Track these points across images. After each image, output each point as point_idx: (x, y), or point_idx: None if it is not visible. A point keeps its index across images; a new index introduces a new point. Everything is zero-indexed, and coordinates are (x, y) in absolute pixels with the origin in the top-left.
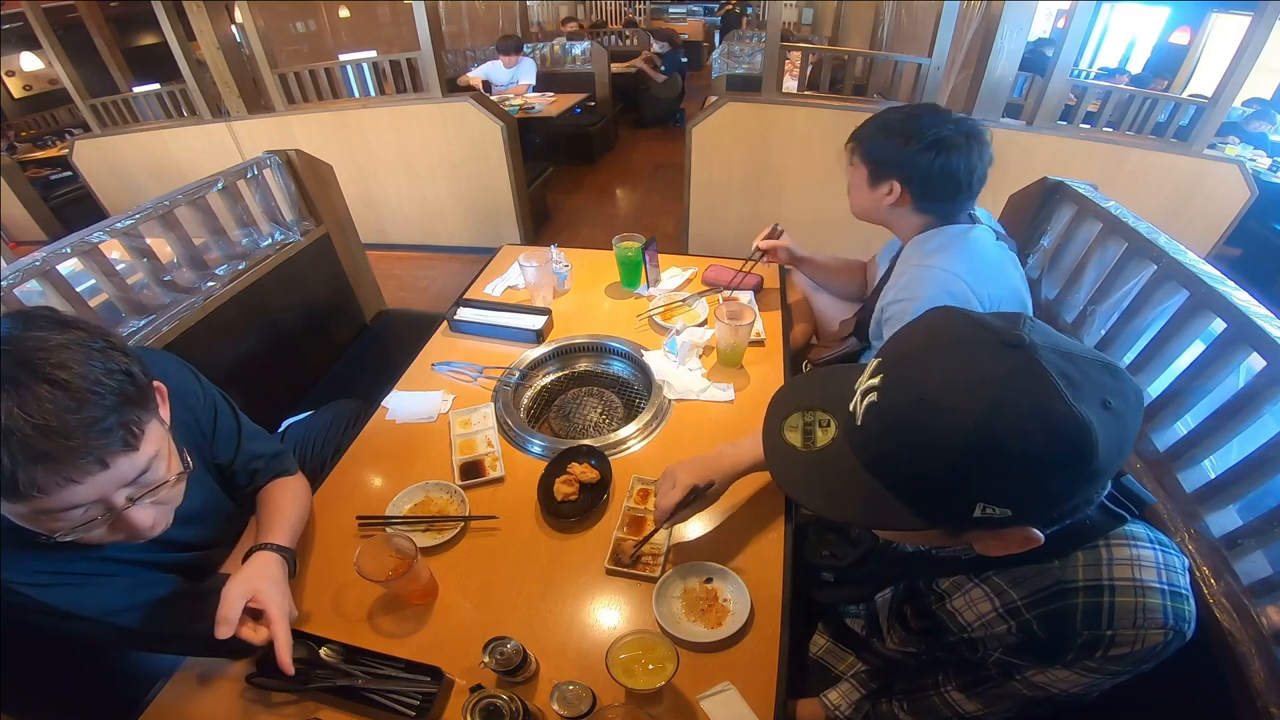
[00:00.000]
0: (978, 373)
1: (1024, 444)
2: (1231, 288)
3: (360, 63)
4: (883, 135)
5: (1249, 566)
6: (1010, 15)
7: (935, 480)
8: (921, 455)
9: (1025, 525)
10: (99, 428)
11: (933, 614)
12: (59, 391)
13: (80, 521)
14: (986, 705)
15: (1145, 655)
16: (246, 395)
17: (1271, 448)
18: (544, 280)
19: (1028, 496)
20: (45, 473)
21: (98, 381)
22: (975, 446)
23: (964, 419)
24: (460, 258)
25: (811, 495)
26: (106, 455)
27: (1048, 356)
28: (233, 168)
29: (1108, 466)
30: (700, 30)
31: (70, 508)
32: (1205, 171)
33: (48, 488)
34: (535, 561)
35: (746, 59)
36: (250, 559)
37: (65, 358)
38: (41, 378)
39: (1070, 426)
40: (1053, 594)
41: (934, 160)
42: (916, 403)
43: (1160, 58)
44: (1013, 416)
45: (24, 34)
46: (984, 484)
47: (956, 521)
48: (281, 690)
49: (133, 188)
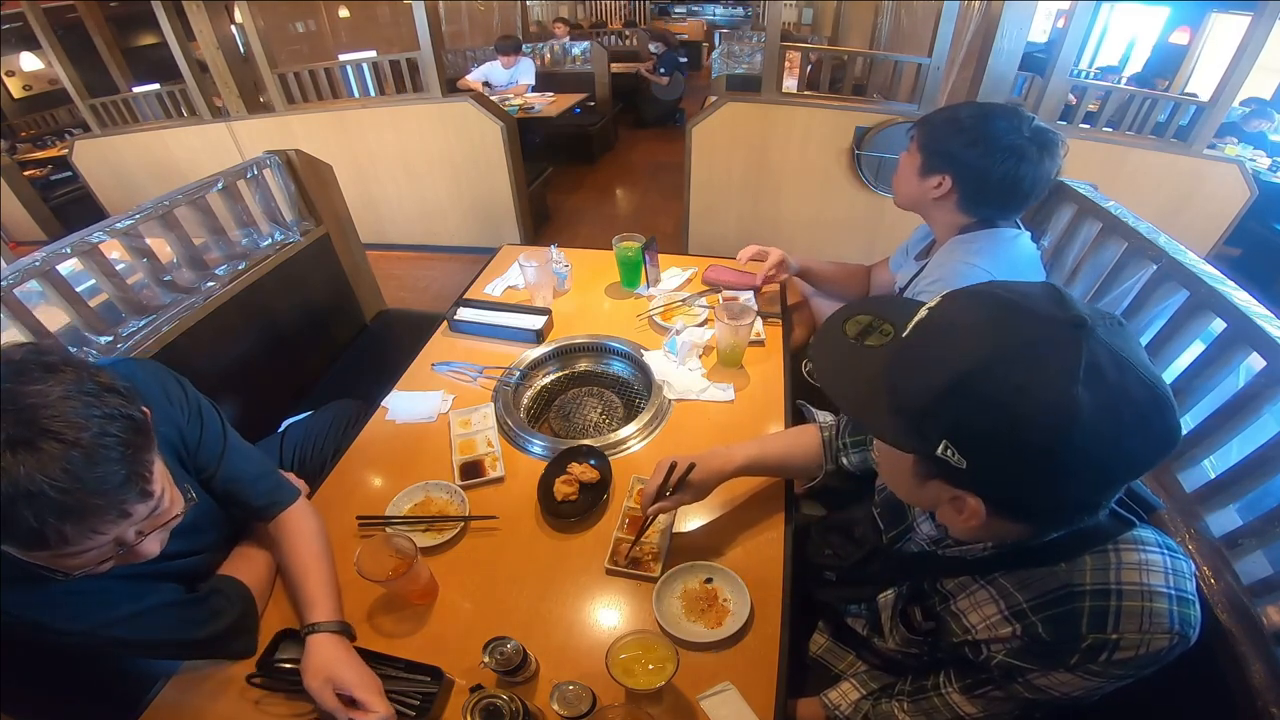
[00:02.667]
0: (1018, 329)
1: (1006, 396)
2: (1231, 288)
3: (360, 63)
4: (949, 128)
5: (1249, 566)
6: (1010, 15)
7: (917, 395)
8: (922, 369)
9: (979, 494)
10: (115, 482)
11: (937, 615)
12: (72, 451)
13: (96, 561)
14: (987, 708)
15: (1149, 660)
16: (246, 395)
17: (1271, 448)
18: (544, 280)
19: (988, 458)
20: (74, 527)
21: (104, 433)
22: (964, 377)
23: (973, 354)
24: (460, 258)
25: (829, 375)
26: (126, 505)
27: (1095, 346)
28: (232, 168)
29: (1076, 471)
30: (700, 30)
31: (88, 550)
32: (1205, 171)
33: (75, 539)
34: (535, 561)
35: (746, 59)
36: (311, 649)
37: (67, 412)
38: (51, 436)
39: (1056, 405)
40: (1060, 597)
41: (997, 166)
42: (946, 327)
43: (1160, 58)
44: (1014, 370)
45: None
46: (954, 419)
47: (921, 447)
48: (281, 690)
49: (133, 188)
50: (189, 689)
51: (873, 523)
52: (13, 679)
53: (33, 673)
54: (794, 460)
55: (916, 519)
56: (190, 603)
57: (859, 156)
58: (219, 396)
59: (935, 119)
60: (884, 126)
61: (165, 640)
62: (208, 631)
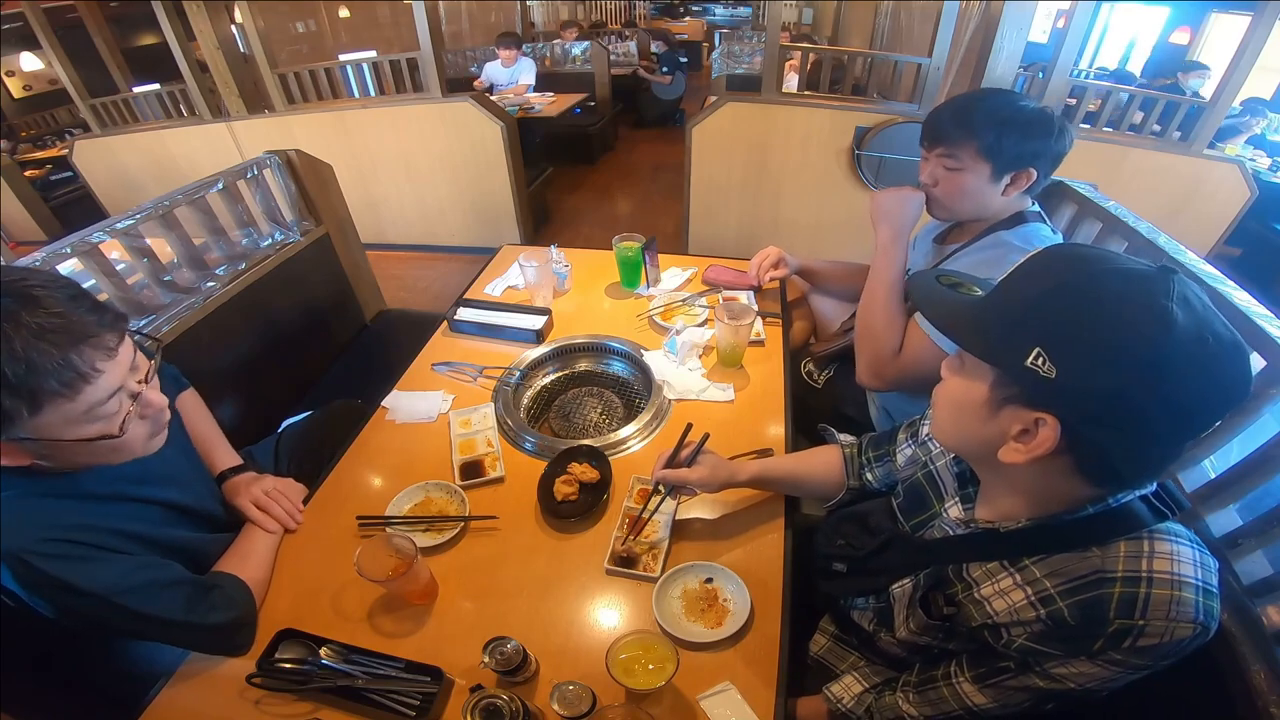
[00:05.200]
0: (1112, 261)
1: (1104, 302)
2: (1232, 287)
3: (360, 63)
4: (1015, 130)
5: (1249, 566)
6: (1010, 15)
7: (1011, 308)
8: (1016, 290)
9: (1059, 415)
10: (93, 316)
11: (958, 603)
12: (56, 291)
13: (123, 411)
14: (997, 698)
15: (1171, 649)
16: (247, 395)
17: (1271, 448)
18: (544, 280)
19: (1081, 363)
20: (90, 349)
21: (81, 292)
22: (1061, 286)
23: (1067, 273)
24: (460, 258)
25: (922, 301)
26: (111, 336)
27: (1183, 284)
28: (232, 168)
29: (1163, 395)
30: (700, 30)
31: (110, 395)
32: (1205, 171)
33: (97, 362)
34: (535, 561)
35: (746, 59)
36: (238, 483)
37: (38, 276)
38: (37, 287)
39: (1153, 313)
40: (1090, 582)
41: (1066, 142)
42: (1040, 268)
43: (1160, 58)
44: (1111, 282)
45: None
46: (1049, 325)
47: (1011, 358)
48: (281, 690)
49: (133, 188)
50: (189, 689)
51: (889, 512)
52: (13, 678)
53: (34, 673)
54: (814, 479)
55: (945, 503)
56: (197, 587)
57: (859, 156)
58: (219, 396)
59: (992, 128)
60: (884, 126)
61: (170, 620)
62: (212, 620)
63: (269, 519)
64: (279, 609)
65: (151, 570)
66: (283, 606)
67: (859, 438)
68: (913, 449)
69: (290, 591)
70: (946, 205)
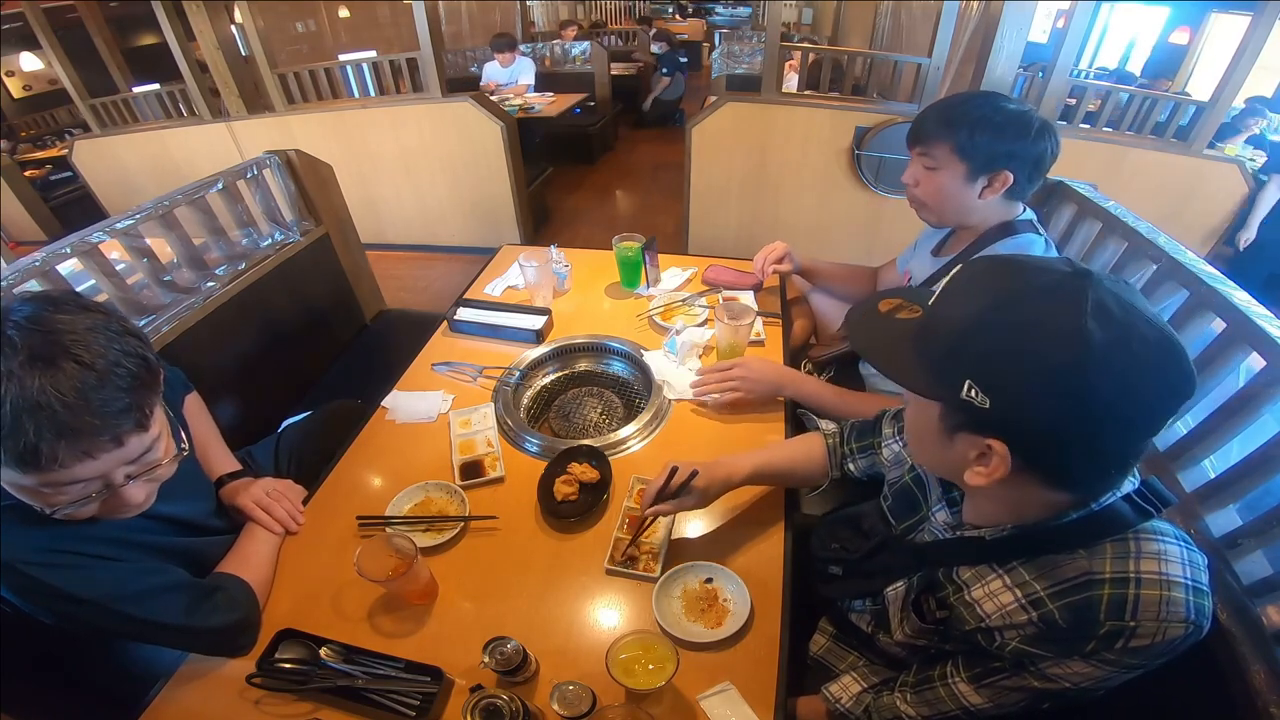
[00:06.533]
0: (1029, 277)
1: (1020, 330)
2: (1231, 287)
3: (360, 63)
4: (988, 129)
5: (1249, 566)
6: (1010, 15)
7: (940, 341)
8: (945, 320)
9: (1004, 438)
10: (117, 408)
11: (949, 605)
12: (86, 371)
13: (79, 496)
14: (993, 698)
15: (1164, 649)
16: (246, 395)
17: (1271, 448)
18: (544, 280)
19: (1008, 394)
20: (67, 447)
21: (117, 363)
22: (979, 317)
23: (988, 298)
24: (460, 258)
25: (862, 338)
26: (122, 434)
27: (1100, 291)
28: (232, 168)
29: (1093, 408)
30: (700, 30)
31: (76, 482)
32: (1205, 171)
33: (67, 461)
34: (535, 561)
35: (746, 59)
36: (238, 487)
37: (90, 340)
38: (71, 358)
39: (1068, 334)
40: (1078, 584)
41: (1045, 146)
42: (966, 285)
43: (1160, 58)
44: (1025, 307)
45: (24, 34)
46: (974, 358)
47: (946, 392)
48: (281, 690)
49: (133, 188)
50: (189, 689)
51: (881, 515)
52: (14, 678)
53: (34, 673)
54: (799, 468)
55: (932, 507)
56: (199, 590)
57: (859, 156)
58: (219, 396)
59: (965, 127)
60: (884, 126)
61: (172, 625)
62: (214, 623)
63: (271, 519)
64: (279, 609)
65: (151, 575)
66: (283, 606)
67: (840, 425)
68: (899, 446)
69: (290, 591)
70: (927, 206)
